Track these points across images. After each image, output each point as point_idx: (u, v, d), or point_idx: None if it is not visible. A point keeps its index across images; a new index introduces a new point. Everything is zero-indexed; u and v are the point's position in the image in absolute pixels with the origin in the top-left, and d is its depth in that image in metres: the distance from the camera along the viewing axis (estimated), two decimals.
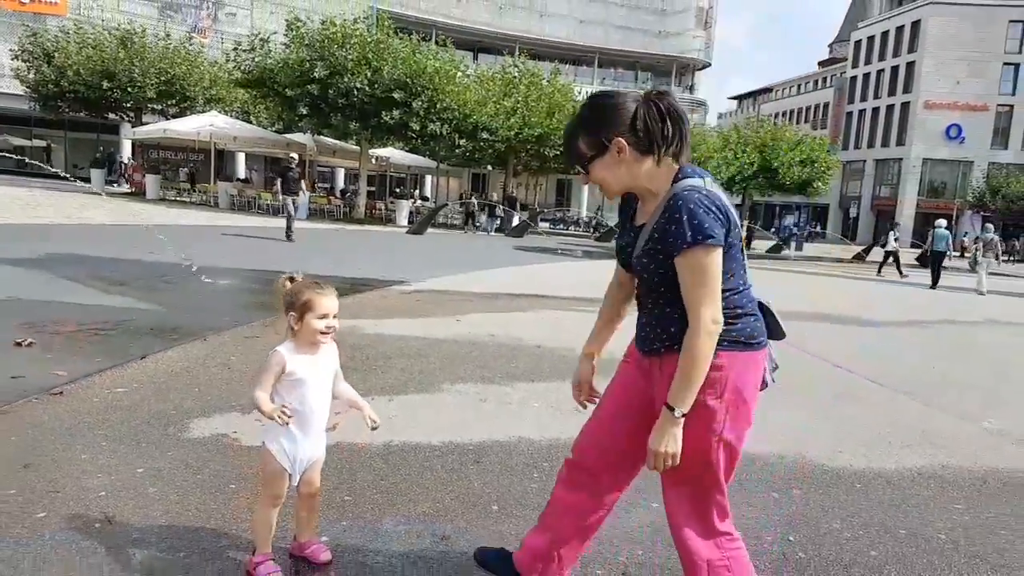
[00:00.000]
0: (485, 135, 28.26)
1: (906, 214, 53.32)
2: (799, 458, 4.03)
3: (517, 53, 38.42)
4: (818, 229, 51.88)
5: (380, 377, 4.95)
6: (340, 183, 41.96)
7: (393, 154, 32.12)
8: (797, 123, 63.85)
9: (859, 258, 30.25)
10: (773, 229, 43.00)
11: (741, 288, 1.97)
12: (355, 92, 23.08)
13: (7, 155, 38.12)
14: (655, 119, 1.89)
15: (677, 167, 1.94)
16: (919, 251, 21.77)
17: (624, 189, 1.99)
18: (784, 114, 71.67)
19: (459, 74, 26.44)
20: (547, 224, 38.23)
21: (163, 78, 30.76)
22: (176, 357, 5.04)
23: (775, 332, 2.07)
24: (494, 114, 28.12)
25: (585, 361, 2.27)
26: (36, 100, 32.08)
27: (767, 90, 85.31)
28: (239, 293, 8.32)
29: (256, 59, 24.36)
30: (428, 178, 42.60)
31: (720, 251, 1.84)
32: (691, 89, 61.20)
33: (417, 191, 39.53)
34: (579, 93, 37.85)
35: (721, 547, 2.03)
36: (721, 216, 1.84)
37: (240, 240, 15.09)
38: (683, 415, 1.87)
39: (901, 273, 20.96)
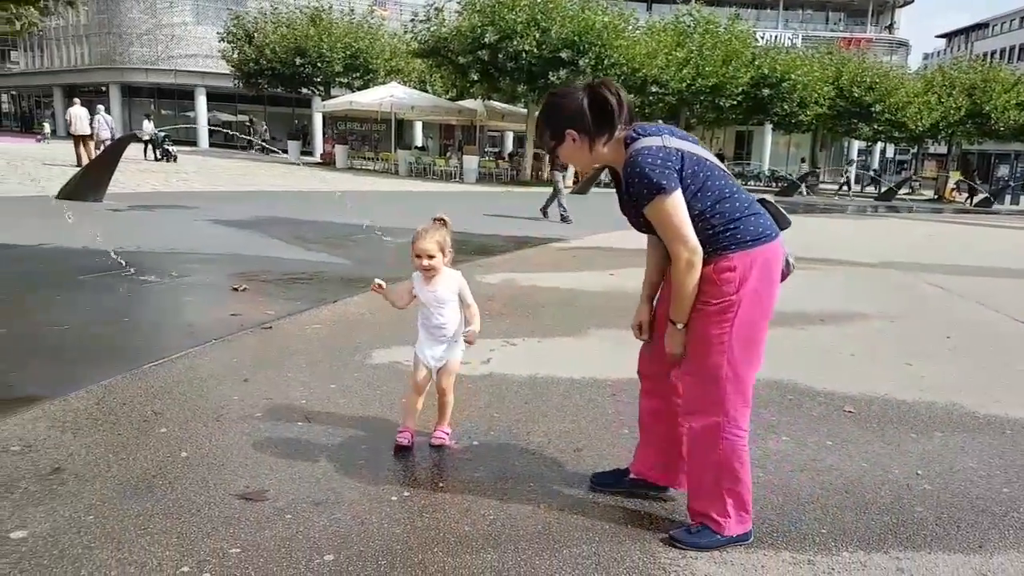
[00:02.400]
0: (655, 88, 27.51)
1: None
2: (950, 405, 3.97)
3: (693, 0, 36.97)
4: None
5: (531, 321, 5.40)
6: (509, 147, 43.00)
7: None
8: (1017, 62, 56.09)
9: None
10: (990, 183, 38.37)
11: (728, 196, 2.24)
12: (523, 55, 23.45)
13: (217, 128, 42.89)
14: (597, 109, 2.24)
15: (626, 134, 2.26)
16: None
17: (589, 166, 2.42)
18: (1002, 52, 63.17)
19: (628, 28, 25.94)
20: None
21: (348, 52, 32.97)
22: (361, 302, 5.79)
23: (781, 222, 2.37)
24: (664, 66, 27.20)
25: (645, 305, 2.57)
26: (239, 78, 35.70)
27: (982, 26, 75.25)
28: None
29: (431, 29, 25.40)
30: None
31: (675, 195, 2.16)
32: (890, 28, 55.41)
33: None
34: (762, 39, 35.71)
35: (723, 429, 2.28)
36: (671, 163, 2.17)
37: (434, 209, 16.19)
38: (683, 325, 2.28)
39: None
